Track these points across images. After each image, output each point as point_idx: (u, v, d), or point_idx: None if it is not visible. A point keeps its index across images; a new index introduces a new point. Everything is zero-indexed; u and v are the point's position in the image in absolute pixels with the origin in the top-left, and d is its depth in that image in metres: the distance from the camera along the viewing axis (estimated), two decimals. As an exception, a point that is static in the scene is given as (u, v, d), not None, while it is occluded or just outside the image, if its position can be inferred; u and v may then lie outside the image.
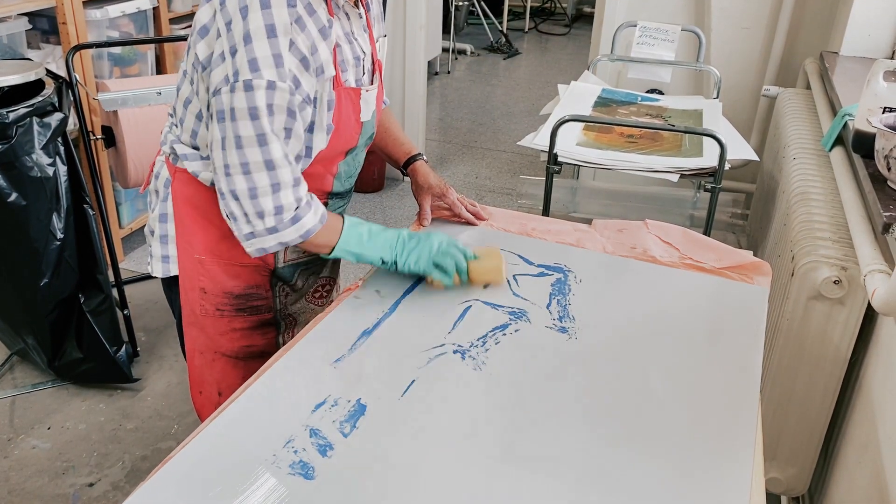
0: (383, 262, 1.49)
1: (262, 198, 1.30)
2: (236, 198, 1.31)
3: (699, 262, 1.65)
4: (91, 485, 2.26)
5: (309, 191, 1.50)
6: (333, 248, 1.45)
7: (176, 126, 1.47)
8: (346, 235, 1.45)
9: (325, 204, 1.56)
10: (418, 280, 1.54)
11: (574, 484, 1.06)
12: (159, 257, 1.55)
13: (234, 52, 1.23)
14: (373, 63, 1.51)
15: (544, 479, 1.06)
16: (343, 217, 1.48)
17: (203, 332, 1.56)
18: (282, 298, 1.61)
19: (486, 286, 1.53)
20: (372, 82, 1.50)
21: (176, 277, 1.55)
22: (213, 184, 1.43)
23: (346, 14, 1.40)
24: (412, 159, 1.77)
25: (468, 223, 1.77)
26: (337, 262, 1.75)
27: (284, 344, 1.57)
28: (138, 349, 2.83)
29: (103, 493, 2.24)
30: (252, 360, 1.58)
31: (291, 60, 1.26)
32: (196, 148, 1.44)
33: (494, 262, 1.53)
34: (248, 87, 1.23)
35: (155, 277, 1.58)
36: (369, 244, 1.47)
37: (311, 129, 1.38)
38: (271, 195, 1.31)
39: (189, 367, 1.63)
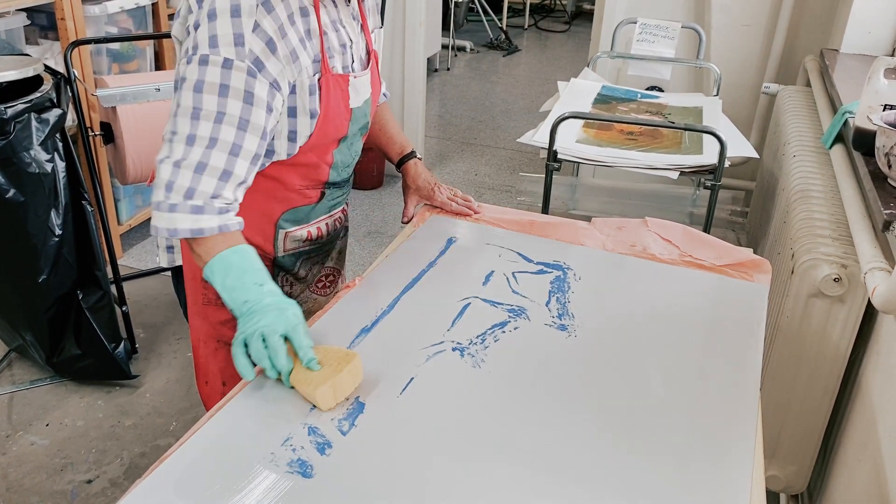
0: (234, 314, 1.27)
1: (182, 170, 1.23)
2: (160, 162, 1.25)
3: (699, 260, 1.64)
4: (89, 481, 2.26)
5: (305, 181, 1.50)
6: (205, 263, 1.27)
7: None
8: (216, 260, 1.26)
9: (322, 194, 1.56)
10: (418, 277, 1.54)
11: (573, 481, 1.06)
12: (165, 248, 1.59)
13: (196, 27, 1.24)
14: (368, 53, 1.51)
15: (543, 477, 1.06)
16: (242, 244, 1.29)
17: (206, 321, 1.57)
18: (286, 289, 1.60)
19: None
20: (364, 69, 1.50)
21: (181, 267, 1.56)
22: None
23: (334, 2, 1.40)
24: (405, 158, 1.78)
25: (460, 215, 1.79)
26: (342, 253, 1.75)
27: None
28: (137, 346, 2.82)
29: (101, 489, 2.23)
30: None
31: (255, 42, 1.24)
32: None
33: (319, 386, 1.15)
34: (204, 61, 1.23)
35: (164, 270, 1.60)
36: (231, 284, 1.26)
37: (292, 113, 1.37)
38: (192, 173, 1.23)
39: (194, 357, 1.64)
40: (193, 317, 1.58)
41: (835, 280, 1.72)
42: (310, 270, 1.65)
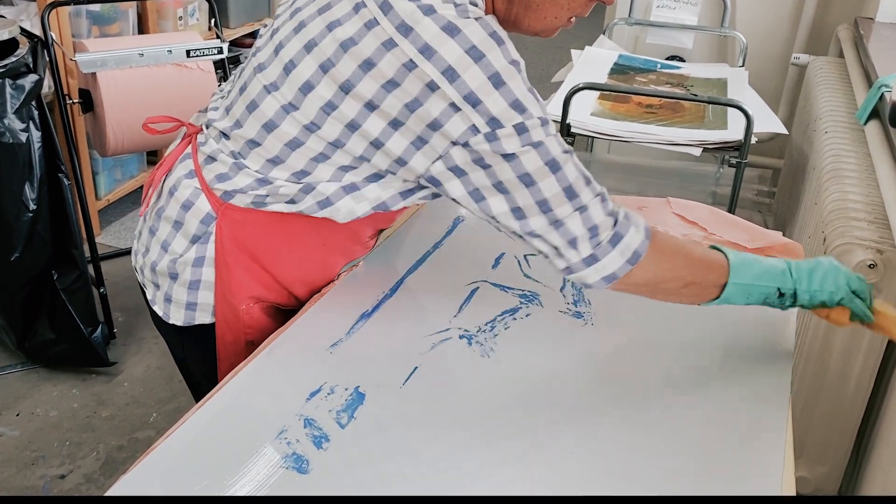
0: (780, 295, 1.29)
1: (568, 223, 1.19)
2: (537, 235, 1.20)
3: (733, 242, 1.63)
4: (62, 476, 2.26)
5: (373, 229, 1.46)
6: (724, 286, 1.26)
7: (226, 138, 1.30)
8: (736, 267, 1.26)
9: (375, 242, 1.52)
10: (422, 258, 1.53)
11: (589, 480, 1.05)
12: (183, 304, 1.40)
13: (475, 102, 1.14)
14: None
15: (558, 478, 1.05)
16: (712, 247, 1.31)
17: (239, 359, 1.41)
18: None
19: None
20: None
21: (196, 326, 1.43)
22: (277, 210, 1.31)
23: None
24: None
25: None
26: None
27: None
28: (115, 330, 2.82)
29: (76, 485, 2.23)
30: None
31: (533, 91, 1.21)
32: (259, 173, 1.28)
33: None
34: (522, 129, 1.15)
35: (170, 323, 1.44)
36: (759, 273, 1.28)
37: None
38: (580, 217, 1.19)
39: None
40: (226, 370, 1.40)
41: (870, 266, 1.71)
42: None
